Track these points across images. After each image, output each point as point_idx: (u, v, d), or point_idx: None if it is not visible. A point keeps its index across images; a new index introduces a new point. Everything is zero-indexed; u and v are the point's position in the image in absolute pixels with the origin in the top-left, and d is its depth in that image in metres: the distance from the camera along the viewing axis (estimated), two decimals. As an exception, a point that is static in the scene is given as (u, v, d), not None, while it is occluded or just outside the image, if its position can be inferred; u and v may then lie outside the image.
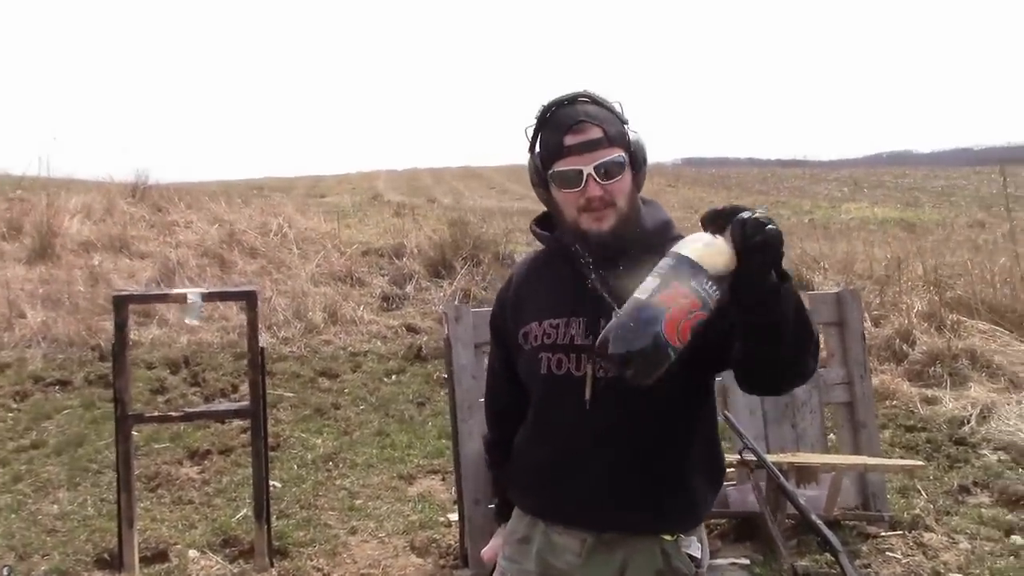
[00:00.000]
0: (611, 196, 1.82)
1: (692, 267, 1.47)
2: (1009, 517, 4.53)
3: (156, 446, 5.33)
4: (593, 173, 1.80)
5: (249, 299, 3.93)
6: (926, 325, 7.49)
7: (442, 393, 6.64)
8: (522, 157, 2.01)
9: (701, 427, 1.92)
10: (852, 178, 37.00)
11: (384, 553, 4.18)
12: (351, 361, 7.25)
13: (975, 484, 4.94)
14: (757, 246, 1.47)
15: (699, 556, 1.89)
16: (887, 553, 4.15)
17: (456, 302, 8.83)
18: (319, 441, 5.58)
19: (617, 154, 1.83)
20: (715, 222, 1.51)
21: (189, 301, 3.76)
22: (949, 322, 7.49)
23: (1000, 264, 8.86)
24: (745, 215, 1.48)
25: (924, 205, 27.89)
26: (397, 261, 10.47)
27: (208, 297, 4.00)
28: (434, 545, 4.27)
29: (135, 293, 5.46)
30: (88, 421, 5.79)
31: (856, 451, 4.49)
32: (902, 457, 5.29)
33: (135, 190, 13.34)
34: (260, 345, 3.91)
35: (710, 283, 1.47)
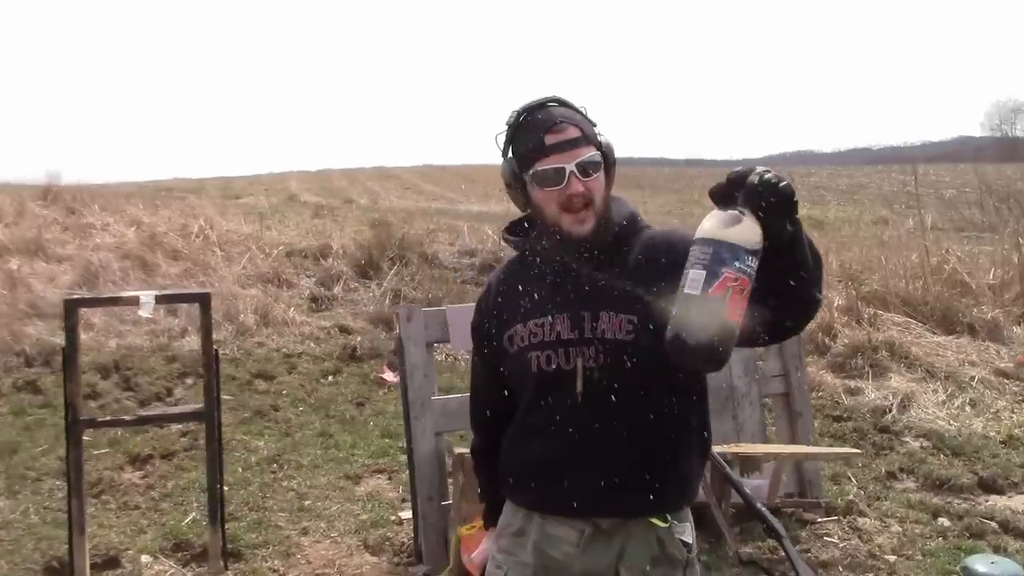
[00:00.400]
0: (590, 193, 1.89)
1: (731, 249, 1.55)
2: (935, 500, 4.77)
3: (95, 452, 5.24)
4: (575, 170, 1.87)
5: (203, 301, 3.92)
6: (846, 319, 7.78)
7: (380, 393, 6.68)
8: (436, 157, 2.09)
9: (693, 405, 2.02)
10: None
11: (338, 552, 4.20)
12: (286, 363, 7.22)
13: (901, 470, 5.18)
14: (777, 207, 1.56)
15: (691, 542, 1.99)
16: (825, 538, 4.33)
17: (387, 303, 8.87)
18: (261, 443, 5.55)
19: (594, 152, 1.91)
20: (728, 192, 1.60)
21: (142, 303, 3.72)
22: (866, 316, 7.80)
23: (911, 259, 9.24)
24: (754, 179, 1.56)
25: (831, 203, 28.71)
26: (323, 262, 10.42)
27: (161, 299, 3.96)
28: (387, 543, 4.31)
29: (85, 297, 5.38)
30: (20, 428, 5.66)
31: (793, 440, 4.67)
32: (831, 446, 5.51)
33: (47, 192, 13.00)
34: (214, 347, 3.90)
35: (749, 257, 1.55)
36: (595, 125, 1.96)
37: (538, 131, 1.92)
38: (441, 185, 37.40)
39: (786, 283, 1.67)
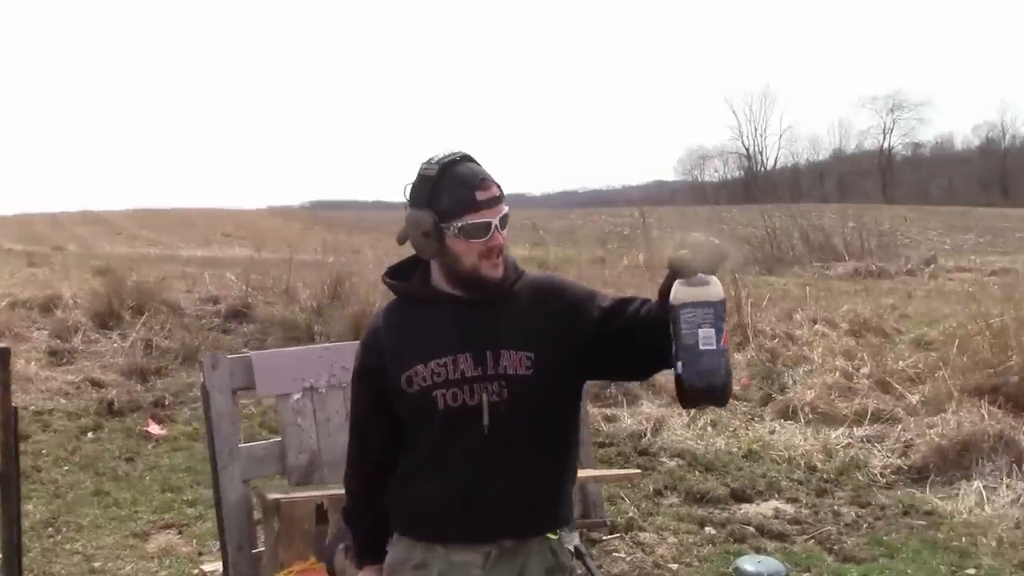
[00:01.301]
0: (504, 244, 2.13)
1: (721, 306, 1.89)
2: (699, 512, 5.30)
3: None
4: (498, 224, 2.10)
5: (3, 356, 3.71)
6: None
7: (149, 447, 6.44)
8: (147, 200, 2.19)
9: (574, 430, 2.28)
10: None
11: (144, 612, 4.08)
12: (38, 421, 6.77)
13: (665, 487, 5.69)
14: (723, 262, 1.92)
15: (580, 546, 2.24)
16: (613, 554, 4.72)
17: (139, 354, 8.51)
18: (30, 507, 5.20)
19: (507, 208, 2.14)
20: (689, 261, 1.89)
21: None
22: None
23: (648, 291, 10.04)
24: (708, 246, 1.90)
25: (550, 244, 30.22)
26: (55, 313, 9.82)
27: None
28: (194, 597, 4.23)
29: None
30: None
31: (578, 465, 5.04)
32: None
33: None
34: (12, 404, 3.70)
35: (725, 307, 1.91)
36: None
37: (468, 187, 2.08)
38: (156, 230, 35.82)
39: None
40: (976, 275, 17.84)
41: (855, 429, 6.67)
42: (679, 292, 1.90)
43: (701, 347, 1.87)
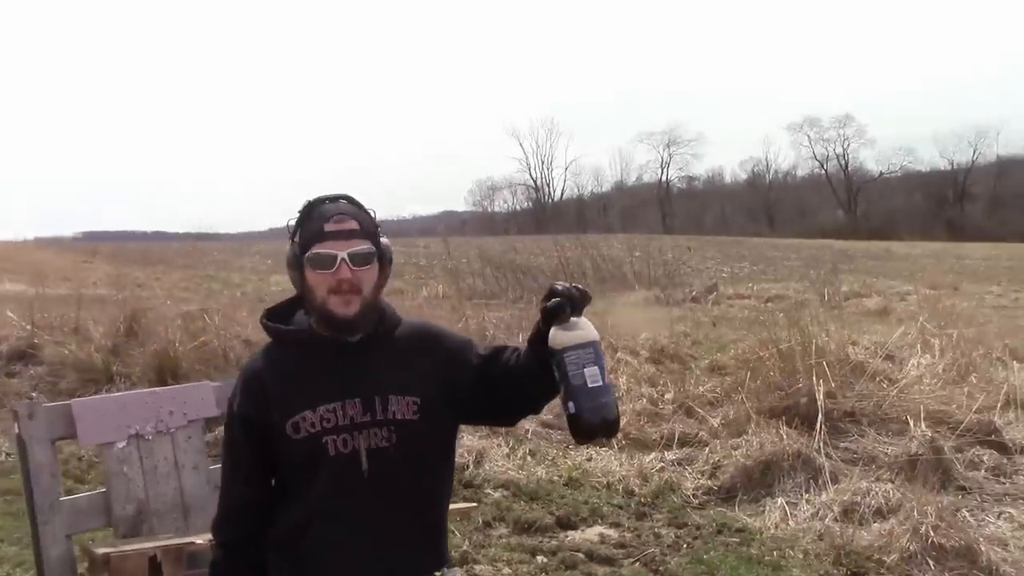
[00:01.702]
0: (359, 282, 2.15)
1: (598, 345, 2.04)
2: (529, 541, 5.40)
3: None
4: (347, 258, 2.12)
5: None
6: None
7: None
8: None
9: (451, 470, 2.34)
10: (272, 251, 38.41)
11: None
12: None
13: (493, 519, 5.75)
14: (587, 304, 2.06)
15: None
16: (451, 588, 4.74)
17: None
18: None
19: (368, 246, 2.17)
20: (563, 308, 2.02)
21: None
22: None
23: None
24: (575, 292, 2.03)
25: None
26: None
27: None
28: (10, 665, 3.94)
29: None
30: None
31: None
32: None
33: None
34: None
35: (600, 345, 2.06)
36: (378, 226, 2.21)
37: (320, 219, 2.13)
38: None
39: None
40: (755, 301, 19.13)
41: (666, 453, 7.01)
42: (559, 337, 2.02)
43: (590, 385, 1.99)
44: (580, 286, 2.06)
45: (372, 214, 2.22)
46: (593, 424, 2.00)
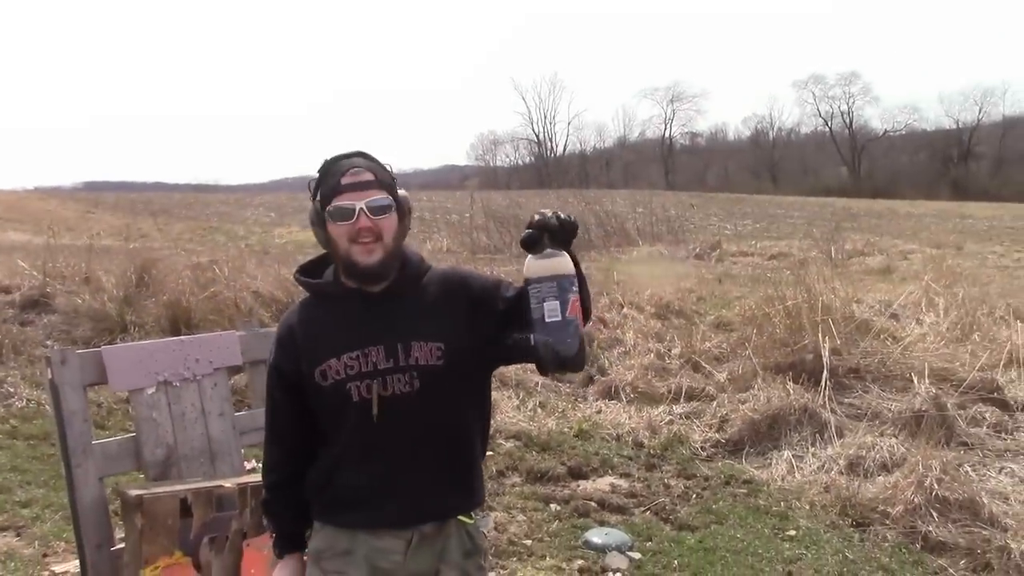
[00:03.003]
0: (379, 230, 2.21)
1: (567, 279, 2.03)
2: (542, 490, 5.54)
3: None
4: (365, 208, 2.18)
5: None
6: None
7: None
8: None
9: (484, 414, 2.41)
10: (276, 203, 38.36)
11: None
12: None
13: (507, 468, 5.89)
14: (571, 239, 2.08)
15: (492, 528, 2.40)
16: (467, 533, 4.88)
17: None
18: None
19: (384, 195, 2.23)
20: (538, 238, 2.04)
21: None
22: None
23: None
24: (555, 222, 2.04)
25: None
26: None
27: None
28: (46, 600, 4.08)
29: None
30: None
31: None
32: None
33: None
34: None
35: (575, 282, 2.06)
36: (394, 179, 2.28)
37: (337, 174, 2.20)
38: None
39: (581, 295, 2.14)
40: (758, 259, 19.19)
41: (674, 407, 7.14)
42: (529, 266, 2.05)
43: (547, 319, 2.02)
44: (563, 215, 2.07)
45: (388, 168, 2.30)
46: (545, 358, 2.03)
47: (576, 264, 2.08)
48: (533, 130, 79.55)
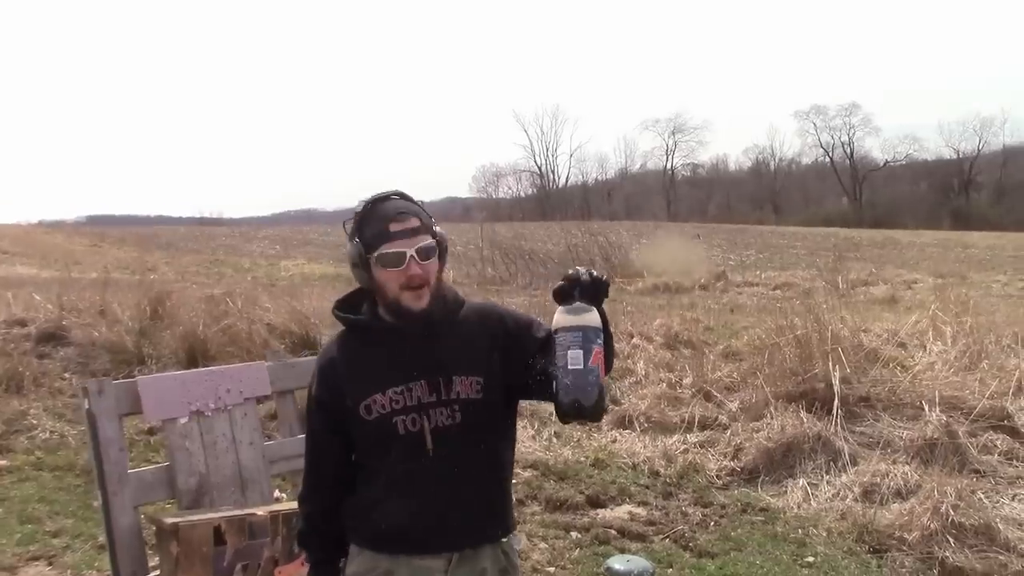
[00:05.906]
0: (427, 274, 2.31)
1: (593, 331, 2.11)
2: (562, 518, 5.62)
3: None
4: (415, 255, 2.28)
5: None
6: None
7: (-11, 479, 6.13)
8: None
9: (513, 443, 2.52)
10: (280, 236, 38.60)
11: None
12: None
13: (526, 497, 5.97)
14: (603, 296, 2.15)
15: (522, 546, 2.49)
16: (491, 561, 4.95)
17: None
18: None
19: (430, 240, 2.33)
20: (569, 291, 2.12)
21: None
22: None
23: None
24: (587, 278, 2.12)
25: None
26: None
27: None
28: (81, 627, 4.16)
29: None
30: None
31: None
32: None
33: None
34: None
35: (600, 335, 2.13)
36: (431, 218, 2.38)
37: (384, 220, 2.27)
38: None
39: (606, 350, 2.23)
40: (762, 288, 19.31)
41: (688, 436, 7.21)
42: (558, 318, 2.14)
43: (570, 367, 2.09)
44: (595, 272, 2.15)
45: (422, 205, 2.38)
46: (565, 405, 2.09)
47: (604, 320, 2.15)
48: (535, 162, 79.91)
